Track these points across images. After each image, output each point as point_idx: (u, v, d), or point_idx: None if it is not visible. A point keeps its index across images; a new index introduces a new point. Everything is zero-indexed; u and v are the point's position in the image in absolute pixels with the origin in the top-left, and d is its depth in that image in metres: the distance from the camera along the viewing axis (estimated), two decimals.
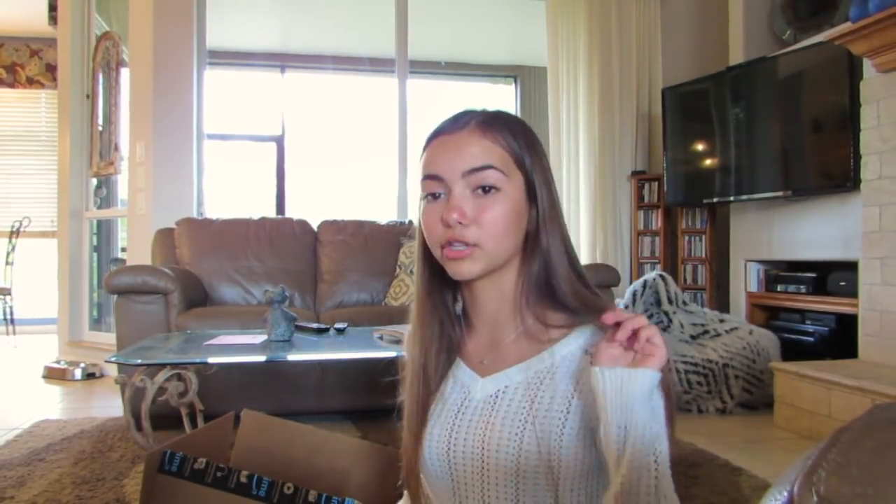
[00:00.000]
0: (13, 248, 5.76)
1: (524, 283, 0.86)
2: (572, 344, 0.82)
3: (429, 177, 0.83)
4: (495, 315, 0.88)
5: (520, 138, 0.85)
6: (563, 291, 0.84)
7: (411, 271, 3.36)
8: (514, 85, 6.82)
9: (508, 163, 0.83)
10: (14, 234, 5.75)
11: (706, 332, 3.18)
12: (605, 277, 3.03)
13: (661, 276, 3.35)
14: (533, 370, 0.82)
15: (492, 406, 0.83)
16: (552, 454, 0.76)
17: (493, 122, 0.84)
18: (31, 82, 6.46)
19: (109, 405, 3.18)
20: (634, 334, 0.75)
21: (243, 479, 1.23)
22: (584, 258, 4.29)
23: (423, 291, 0.91)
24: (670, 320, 3.23)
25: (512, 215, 0.82)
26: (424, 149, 0.86)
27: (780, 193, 3.41)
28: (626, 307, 3.30)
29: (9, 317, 5.67)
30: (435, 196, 0.83)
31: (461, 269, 0.82)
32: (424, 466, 0.87)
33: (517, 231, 0.84)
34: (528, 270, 0.85)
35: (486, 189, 0.81)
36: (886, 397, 2.28)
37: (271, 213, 5.99)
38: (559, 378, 0.80)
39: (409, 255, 3.44)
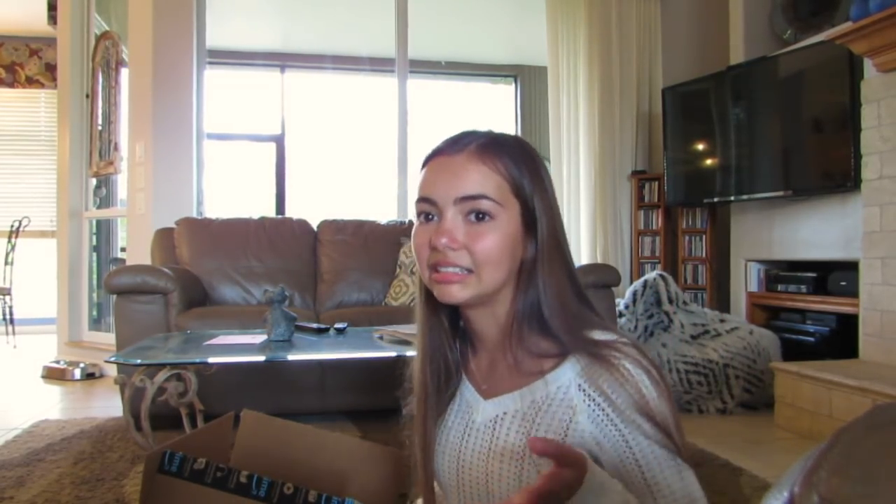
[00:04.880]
0: (13, 248, 5.75)
1: (516, 313, 0.83)
2: (567, 374, 0.79)
3: (423, 199, 0.81)
4: (494, 339, 0.87)
5: (521, 165, 0.81)
6: (551, 325, 0.81)
7: (412, 271, 3.36)
8: (514, 85, 6.82)
9: (505, 191, 0.80)
10: (14, 233, 5.74)
11: (707, 332, 3.18)
12: (606, 277, 3.03)
13: (661, 275, 3.34)
14: (528, 400, 0.81)
15: (492, 431, 0.83)
16: None
17: (493, 147, 0.81)
18: (30, 82, 6.46)
19: (109, 405, 3.18)
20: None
21: (243, 480, 1.23)
22: (584, 258, 4.29)
23: (425, 317, 0.89)
24: (671, 320, 3.22)
25: (505, 245, 0.80)
26: (422, 167, 0.84)
27: (780, 193, 3.40)
28: (627, 307, 3.30)
29: (8, 317, 5.67)
30: (427, 217, 0.81)
31: (449, 292, 0.80)
32: (439, 484, 0.89)
33: (511, 260, 0.81)
34: (520, 301, 0.83)
35: (479, 216, 0.79)
36: (887, 397, 2.28)
37: (271, 213, 5.99)
38: (553, 411, 0.78)
39: (409, 254, 3.44)
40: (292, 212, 5.51)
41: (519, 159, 0.81)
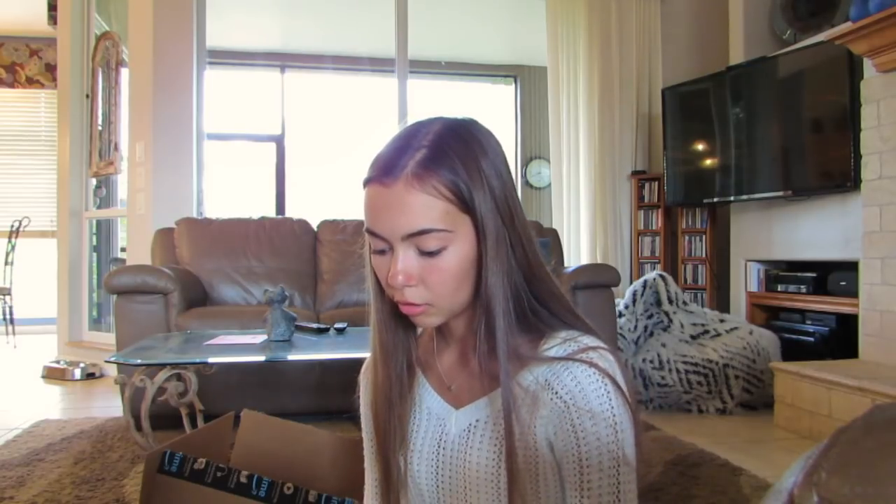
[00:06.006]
0: (13, 248, 5.75)
1: (481, 319, 0.79)
2: (531, 375, 0.77)
3: (370, 231, 0.77)
4: (464, 337, 0.85)
5: (462, 170, 0.74)
6: (497, 343, 0.77)
7: None
8: (514, 85, 6.82)
9: (453, 213, 0.74)
10: (14, 233, 5.75)
11: (706, 331, 3.18)
12: (605, 277, 3.03)
13: (661, 275, 3.34)
14: (496, 406, 0.79)
15: (466, 441, 0.81)
16: (529, 490, 0.76)
17: (431, 164, 0.73)
18: (30, 82, 6.46)
19: (109, 405, 3.18)
20: None
21: (243, 479, 1.23)
22: (584, 258, 4.29)
23: (384, 311, 0.86)
24: (670, 320, 3.22)
25: (462, 268, 0.76)
26: (364, 185, 0.78)
27: (780, 193, 3.41)
28: (626, 307, 3.30)
29: (8, 317, 5.67)
30: (381, 252, 0.78)
31: (420, 323, 0.81)
32: (412, 496, 0.86)
33: (472, 275, 0.77)
34: (480, 307, 0.78)
35: (430, 252, 0.75)
36: (886, 397, 2.28)
37: (271, 213, 5.99)
38: (524, 414, 0.76)
39: None
40: (292, 212, 5.51)
41: (461, 162, 0.74)
